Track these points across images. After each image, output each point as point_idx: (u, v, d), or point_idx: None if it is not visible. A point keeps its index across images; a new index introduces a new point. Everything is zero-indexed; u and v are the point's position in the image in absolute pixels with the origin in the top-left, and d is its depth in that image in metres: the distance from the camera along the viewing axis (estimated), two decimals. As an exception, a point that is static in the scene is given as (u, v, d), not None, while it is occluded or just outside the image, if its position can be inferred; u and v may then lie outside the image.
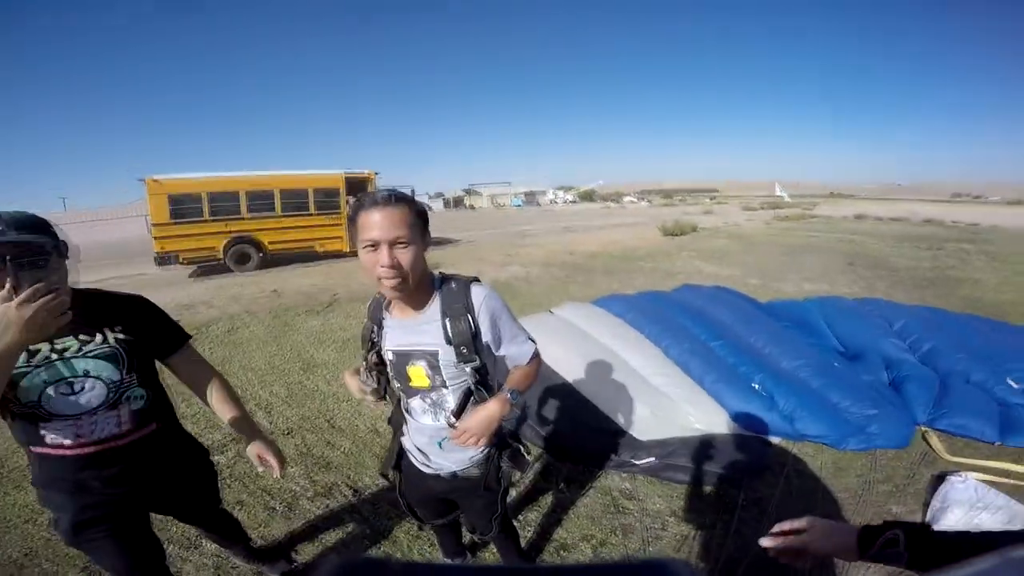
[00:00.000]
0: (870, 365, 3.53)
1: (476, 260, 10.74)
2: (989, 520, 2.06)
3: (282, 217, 11.06)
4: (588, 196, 64.50)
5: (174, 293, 8.27)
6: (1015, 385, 3.13)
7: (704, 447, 2.62)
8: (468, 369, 1.26)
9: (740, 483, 2.47)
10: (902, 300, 5.64)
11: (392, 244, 1.10)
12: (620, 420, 2.87)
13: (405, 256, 1.12)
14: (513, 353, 1.34)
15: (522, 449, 1.46)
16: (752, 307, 4.53)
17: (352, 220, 1.15)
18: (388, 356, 1.33)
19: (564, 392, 3.13)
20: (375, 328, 1.36)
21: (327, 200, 11.50)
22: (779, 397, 2.99)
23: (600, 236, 15.79)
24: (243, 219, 10.68)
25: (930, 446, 2.77)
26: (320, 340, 5.23)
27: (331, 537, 2.27)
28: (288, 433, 3.25)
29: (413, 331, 1.28)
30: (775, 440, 2.82)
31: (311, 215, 11.38)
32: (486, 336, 1.26)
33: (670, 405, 2.94)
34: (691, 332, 3.75)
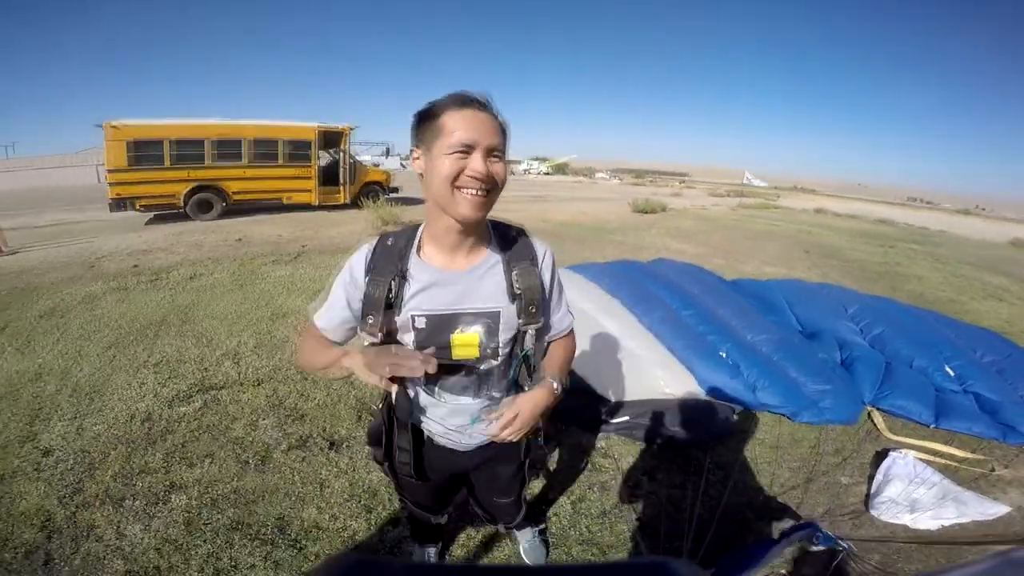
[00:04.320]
0: (825, 344, 3.74)
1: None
2: (925, 495, 2.26)
3: (249, 167, 10.70)
4: (561, 169, 64.35)
5: (131, 238, 7.94)
6: (951, 373, 3.39)
7: (674, 410, 2.74)
8: (532, 332, 1.07)
9: (706, 446, 2.62)
10: (854, 289, 5.95)
11: (489, 152, 0.91)
12: (594, 381, 2.97)
13: (499, 169, 0.93)
14: (555, 321, 1.17)
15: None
16: (720, 283, 4.69)
17: (428, 116, 0.92)
18: (416, 323, 1.02)
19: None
20: (394, 282, 1.01)
21: (298, 152, 11.19)
22: (744, 367, 3.13)
23: (572, 207, 15.86)
24: (207, 167, 10.28)
25: (874, 424, 2.99)
26: (289, 289, 5.14)
27: (308, 491, 2.23)
28: (258, 384, 3.20)
29: (465, 286, 1.03)
30: (738, 408, 2.97)
31: (280, 166, 11.05)
32: (548, 294, 1.11)
33: (642, 369, 3.04)
34: (664, 301, 3.85)
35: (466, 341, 1.04)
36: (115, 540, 1.95)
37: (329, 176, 11.98)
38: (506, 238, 1.09)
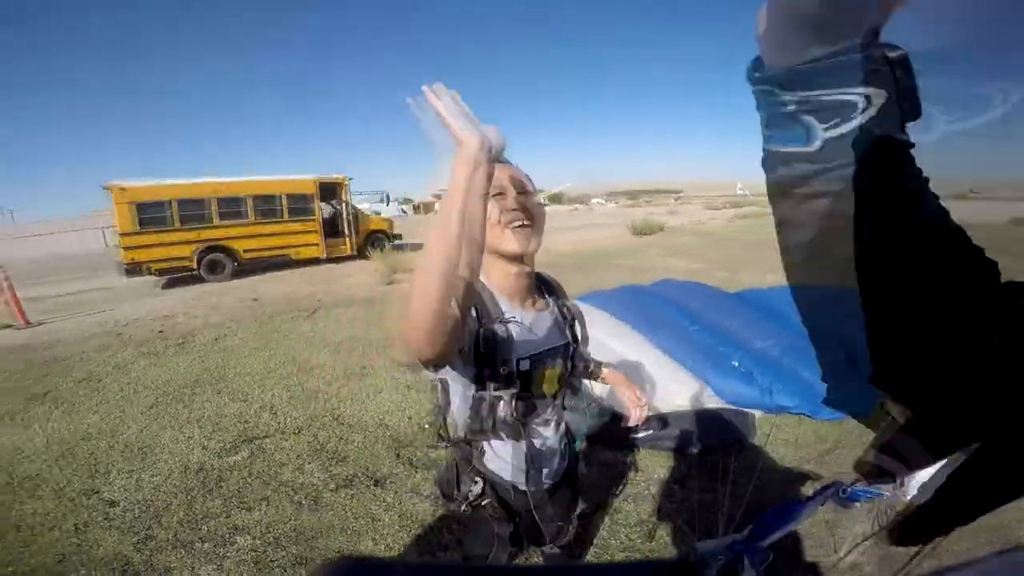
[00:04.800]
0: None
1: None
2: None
3: (255, 224, 10.91)
4: (557, 199, 65.59)
5: (150, 304, 8.19)
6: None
7: (695, 420, 2.89)
8: (582, 352, 1.23)
9: (730, 451, 2.76)
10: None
11: (518, 191, 1.04)
12: (613, 402, 3.11)
13: (532, 203, 1.06)
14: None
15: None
16: (723, 296, 4.87)
17: None
18: (520, 366, 1.06)
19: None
20: (505, 328, 1.04)
21: (300, 206, 11.38)
22: (757, 373, 3.27)
23: (572, 237, 16.15)
24: (214, 226, 10.49)
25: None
26: (312, 344, 5.33)
27: (362, 525, 2.38)
28: (298, 432, 3.36)
29: (544, 326, 1.14)
30: (757, 413, 3.11)
31: (284, 221, 11.24)
32: None
33: (658, 385, 3.20)
34: (671, 320, 4.02)
35: (552, 376, 1.15)
36: (193, 580, 2.08)
37: (333, 228, 12.22)
38: (542, 280, 1.25)
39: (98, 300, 8.94)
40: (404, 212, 40.42)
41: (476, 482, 1.22)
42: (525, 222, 1.02)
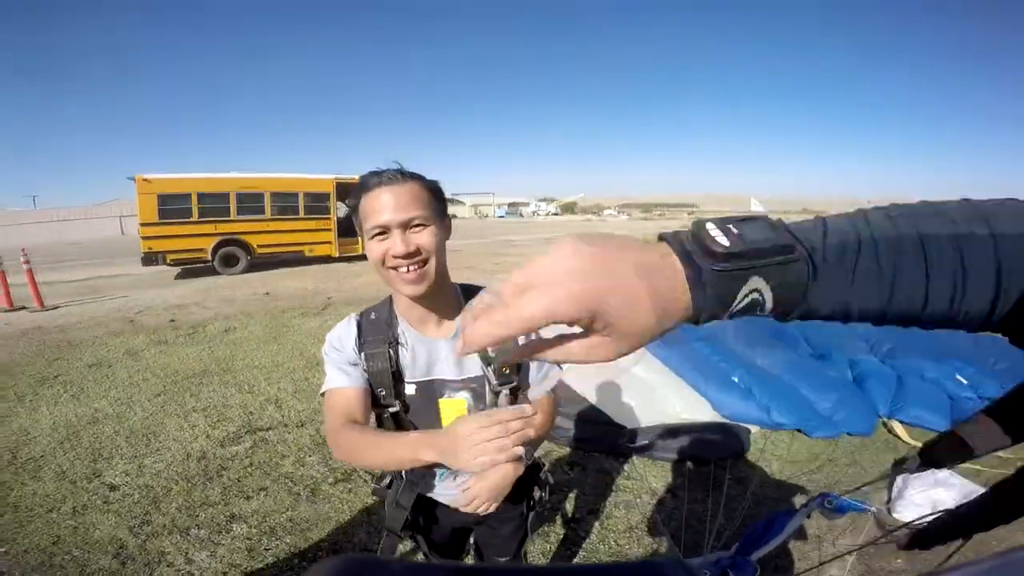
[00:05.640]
0: (835, 364, 3.87)
1: (465, 267, 10.98)
2: (944, 495, 2.35)
3: (271, 220, 11.09)
4: (570, 209, 65.78)
5: (164, 293, 8.33)
6: (964, 381, 3.51)
7: (691, 432, 2.90)
8: (505, 392, 1.04)
9: (725, 464, 2.75)
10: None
11: (406, 226, 0.91)
12: (612, 410, 3.12)
13: (424, 238, 0.92)
14: (534, 379, 1.12)
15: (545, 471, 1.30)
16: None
17: (356, 209, 0.95)
18: (407, 390, 1.03)
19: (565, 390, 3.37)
20: (391, 350, 1.01)
21: (317, 204, 11.56)
22: (756, 390, 3.29)
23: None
24: (232, 220, 10.66)
25: (893, 434, 3.11)
26: (320, 340, 5.26)
27: (357, 518, 2.41)
28: (301, 425, 3.40)
29: (445, 354, 1.04)
30: (753, 428, 3.11)
31: (301, 219, 11.43)
32: None
33: (658, 396, 3.21)
34: (676, 335, 4.03)
35: (454, 407, 1.05)
36: (185, 566, 2.12)
37: (347, 228, 12.37)
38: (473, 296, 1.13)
39: (114, 287, 9.13)
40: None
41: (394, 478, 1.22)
42: (411, 268, 0.93)
